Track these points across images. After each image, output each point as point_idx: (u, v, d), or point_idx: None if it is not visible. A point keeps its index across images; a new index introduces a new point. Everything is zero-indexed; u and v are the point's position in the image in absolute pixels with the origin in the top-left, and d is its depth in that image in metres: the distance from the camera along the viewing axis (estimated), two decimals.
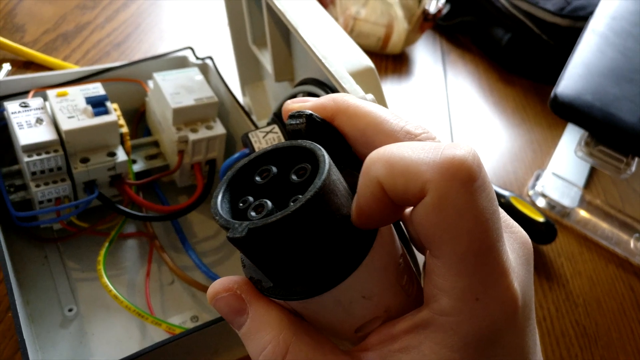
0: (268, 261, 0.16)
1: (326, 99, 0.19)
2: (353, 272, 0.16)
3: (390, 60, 0.72)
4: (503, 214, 0.19)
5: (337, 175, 0.16)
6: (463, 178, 0.15)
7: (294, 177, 0.17)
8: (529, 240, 0.19)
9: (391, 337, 0.17)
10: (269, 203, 0.16)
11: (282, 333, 0.17)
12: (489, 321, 0.16)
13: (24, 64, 0.53)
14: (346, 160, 0.18)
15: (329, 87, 0.36)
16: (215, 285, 0.18)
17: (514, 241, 0.18)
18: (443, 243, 0.15)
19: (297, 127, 0.18)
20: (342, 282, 0.16)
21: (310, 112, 0.18)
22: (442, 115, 0.66)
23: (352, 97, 0.19)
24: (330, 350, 0.17)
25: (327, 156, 0.16)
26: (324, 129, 0.18)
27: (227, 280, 0.18)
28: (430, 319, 0.16)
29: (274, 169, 0.17)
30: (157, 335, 0.35)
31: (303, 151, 0.17)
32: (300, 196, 0.15)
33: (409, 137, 0.18)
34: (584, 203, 0.56)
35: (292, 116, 0.18)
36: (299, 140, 0.17)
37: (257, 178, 0.17)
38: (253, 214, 0.16)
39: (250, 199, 0.17)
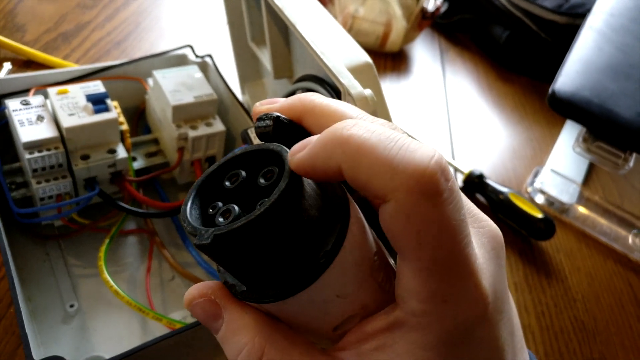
0: (238, 266, 0.16)
1: (293, 99, 0.19)
2: (324, 273, 0.16)
3: (389, 59, 0.72)
4: (471, 208, 0.19)
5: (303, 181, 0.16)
6: (431, 192, 0.15)
7: (261, 180, 0.17)
8: (499, 233, 0.19)
9: (367, 336, 0.17)
10: (236, 208, 0.16)
11: (257, 336, 0.17)
12: (459, 320, 0.16)
13: (24, 63, 0.53)
14: None
15: (328, 83, 0.36)
16: (191, 291, 0.18)
17: (482, 236, 0.18)
18: (409, 249, 0.16)
19: (264, 130, 0.18)
20: (313, 283, 0.16)
21: (277, 114, 0.18)
22: (441, 114, 0.66)
23: (319, 97, 0.19)
24: (306, 350, 0.17)
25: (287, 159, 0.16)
26: (292, 130, 0.18)
27: (202, 286, 0.18)
28: (403, 318, 0.17)
29: (243, 173, 0.17)
30: (158, 330, 0.35)
31: (271, 154, 0.17)
32: (266, 199, 0.15)
33: None
34: (582, 199, 0.56)
35: (260, 119, 0.18)
36: (266, 143, 0.17)
37: (227, 183, 0.17)
38: (220, 219, 0.16)
39: (220, 204, 0.17)
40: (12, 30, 0.56)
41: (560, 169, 0.58)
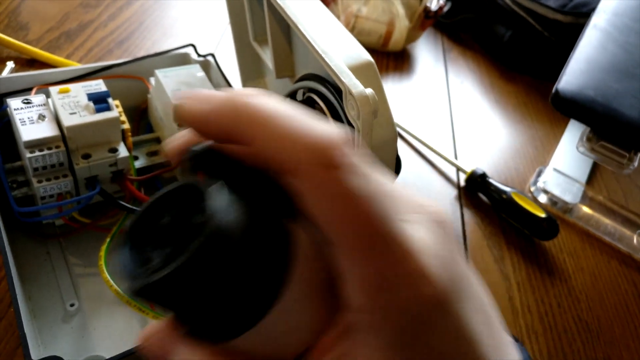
0: (177, 308, 0.16)
1: (222, 104, 0.17)
2: (271, 309, 0.15)
3: (391, 58, 0.72)
4: (411, 197, 0.18)
5: (234, 214, 0.15)
6: (328, 164, 0.14)
7: (193, 219, 0.15)
8: (444, 215, 0.17)
9: (326, 349, 0.17)
10: (167, 251, 0.15)
11: None
12: (408, 310, 0.15)
13: (27, 62, 0.53)
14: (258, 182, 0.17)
15: (329, 82, 0.36)
16: (142, 334, 0.17)
17: (426, 220, 0.17)
18: (328, 231, 0.15)
19: (193, 165, 0.17)
20: (260, 321, 0.15)
21: (200, 147, 0.17)
22: (444, 113, 0.66)
23: (259, 99, 0.17)
24: None
25: (215, 193, 0.15)
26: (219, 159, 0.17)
27: (151, 328, 0.17)
28: (353, 321, 0.16)
29: (172, 214, 0.16)
30: None
31: (194, 190, 0.16)
32: (196, 240, 0.14)
33: None
34: (586, 199, 0.55)
35: (186, 159, 0.17)
36: (188, 180, 0.16)
37: (159, 224, 0.16)
38: (153, 264, 0.15)
39: (153, 248, 0.16)
40: (15, 29, 0.56)
41: (564, 169, 0.58)
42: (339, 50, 0.32)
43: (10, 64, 0.52)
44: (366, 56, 0.32)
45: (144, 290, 0.15)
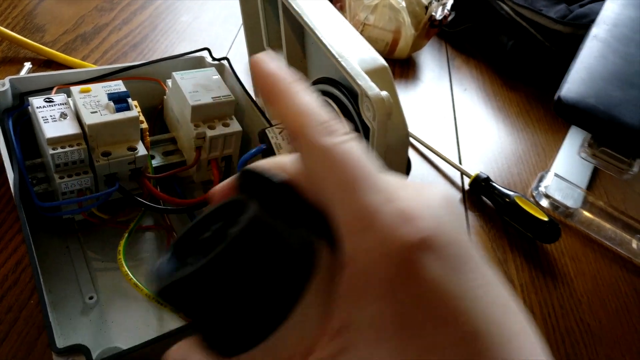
0: (191, 313, 0.16)
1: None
2: (282, 323, 0.15)
3: (397, 65, 0.74)
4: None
5: (264, 227, 0.16)
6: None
7: (228, 231, 0.16)
8: (453, 196, 0.17)
9: (322, 347, 0.16)
10: (199, 260, 0.15)
11: None
12: (389, 251, 0.14)
13: (44, 63, 0.54)
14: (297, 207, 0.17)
15: (343, 85, 0.37)
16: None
17: (427, 188, 0.16)
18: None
19: (241, 183, 0.18)
20: (270, 335, 0.15)
21: (249, 167, 0.18)
22: (448, 118, 0.67)
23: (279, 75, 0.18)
24: None
25: (252, 208, 0.16)
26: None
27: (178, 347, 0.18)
28: (347, 320, 0.15)
29: (215, 227, 0.17)
30: (174, 322, 0.36)
31: (239, 205, 0.17)
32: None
33: None
34: (587, 204, 0.57)
35: (237, 177, 0.18)
36: (235, 197, 0.17)
37: (202, 237, 0.17)
38: (182, 270, 0.16)
39: (191, 259, 0.17)
40: (31, 31, 0.57)
41: (565, 174, 0.59)
42: (355, 55, 0.33)
43: (27, 65, 0.53)
44: (381, 61, 0.33)
45: (164, 291, 0.16)
